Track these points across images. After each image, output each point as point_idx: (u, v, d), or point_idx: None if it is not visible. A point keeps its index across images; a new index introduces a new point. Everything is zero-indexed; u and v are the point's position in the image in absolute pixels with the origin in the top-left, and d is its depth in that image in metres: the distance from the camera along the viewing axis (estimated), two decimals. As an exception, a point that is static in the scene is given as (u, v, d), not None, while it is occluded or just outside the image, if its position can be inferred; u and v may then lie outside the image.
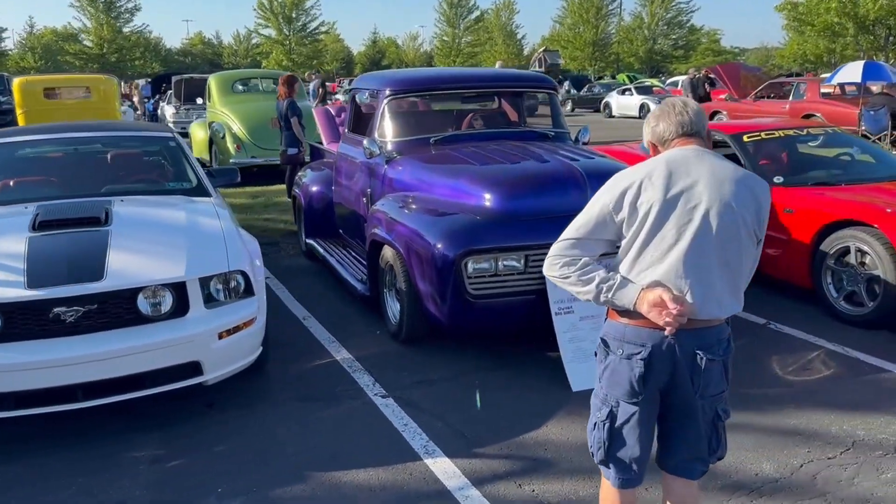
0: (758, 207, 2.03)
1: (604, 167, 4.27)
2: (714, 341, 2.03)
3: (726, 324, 2.10)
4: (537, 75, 5.81)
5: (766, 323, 4.73)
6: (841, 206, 4.74)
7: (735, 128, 5.93)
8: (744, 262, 2.04)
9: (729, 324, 2.12)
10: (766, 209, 2.07)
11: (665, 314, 1.92)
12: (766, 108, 16.03)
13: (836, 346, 4.30)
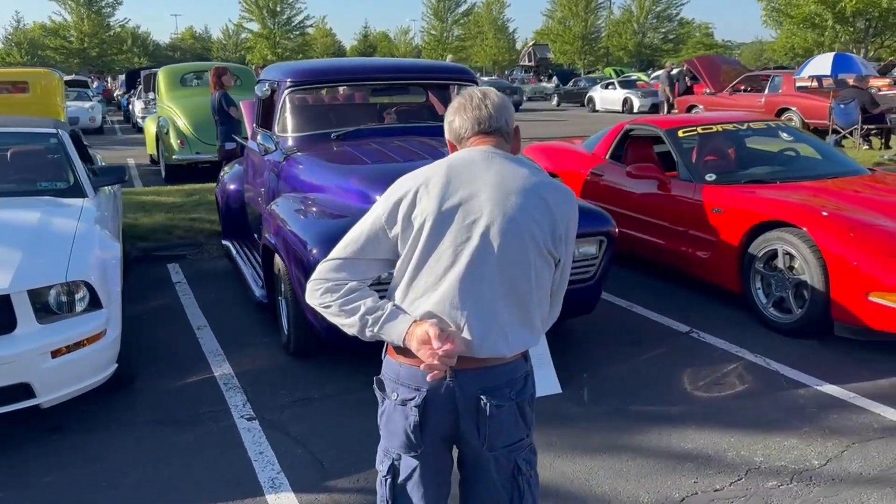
0: (553, 222, 1.69)
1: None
2: (503, 383, 1.69)
3: (523, 359, 1.77)
4: (455, 66, 5.48)
5: (688, 331, 4.42)
6: (770, 206, 4.43)
7: (670, 122, 5.62)
8: (536, 287, 1.70)
9: (527, 359, 1.80)
10: (567, 224, 1.74)
11: (430, 354, 1.59)
12: (742, 102, 15.71)
13: (758, 357, 3.99)
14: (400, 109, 5.51)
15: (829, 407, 3.40)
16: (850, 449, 3.03)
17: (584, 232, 3.86)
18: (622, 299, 5.02)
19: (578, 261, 3.88)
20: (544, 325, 1.83)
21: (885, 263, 3.81)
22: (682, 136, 5.40)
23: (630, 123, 6.01)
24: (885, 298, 3.78)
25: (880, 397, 3.48)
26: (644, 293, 5.13)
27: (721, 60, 18.00)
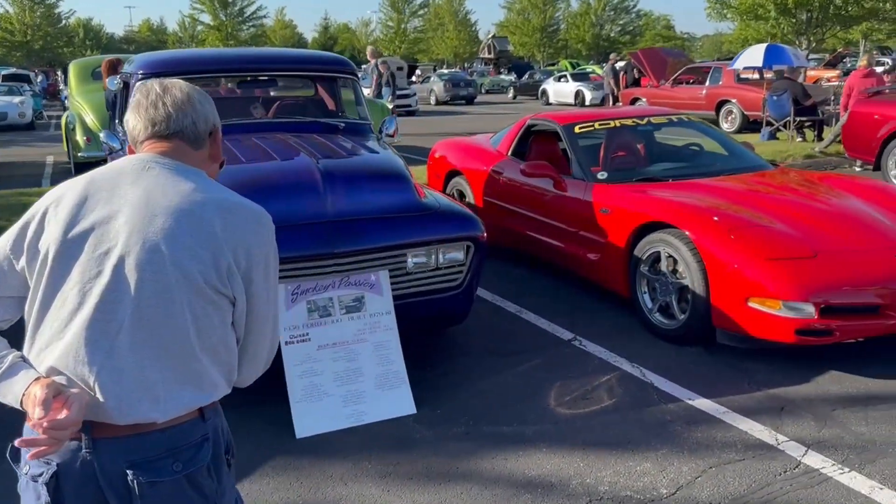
0: (216, 251, 1.37)
1: (356, 167, 3.67)
2: (160, 453, 1.36)
3: (201, 418, 1.42)
4: (331, 57, 5.16)
5: (572, 339, 4.18)
6: (653, 207, 4.19)
7: (568, 118, 5.37)
8: (199, 335, 1.37)
9: (213, 415, 1.47)
10: (243, 252, 1.42)
11: (33, 424, 1.26)
12: (683, 95, 15.64)
13: (636, 367, 3.76)
14: (284, 104, 5.18)
15: (696, 423, 3.18)
16: (704, 474, 2.79)
17: (448, 237, 3.62)
18: (514, 304, 4.76)
19: (445, 267, 3.60)
20: (241, 377, 1.52)
21: (765, 267, 3.60)
22: (579, 131, 5.16)
23: (532, 118, 5.75)
24: (765, 304, 3.57)
25: (752, 412, 3.26)
26: (539, 298, 4.88)
27: (666, 53, 17.92)
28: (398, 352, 3.39)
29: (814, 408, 3.28)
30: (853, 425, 3.11)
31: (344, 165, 3.60)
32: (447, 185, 6.39)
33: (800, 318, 3.49)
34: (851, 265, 3.63)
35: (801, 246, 3.71)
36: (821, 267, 3.60)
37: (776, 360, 3.74)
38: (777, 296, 3.52)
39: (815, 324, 3.49)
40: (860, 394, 3.40)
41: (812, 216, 4.01)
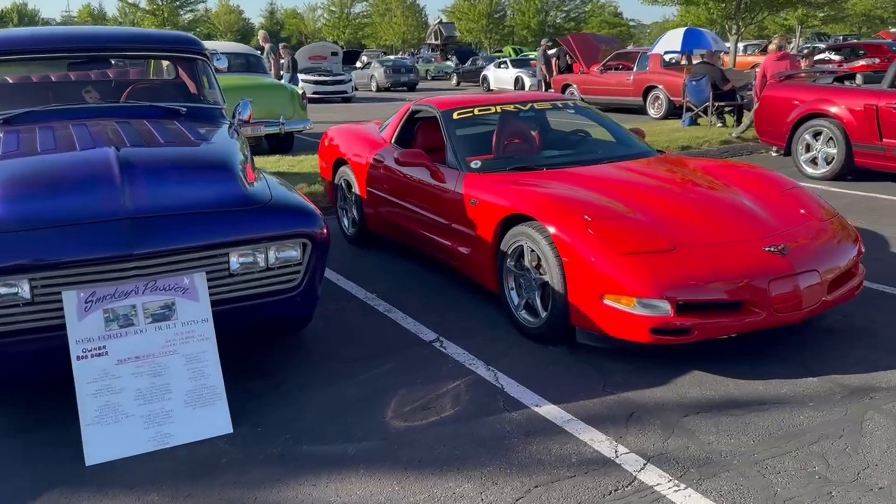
0: None
1: (165, 157, 3.28)
2: None
3: None
4: (174, 35, 4.75)
5: (434, 339, 3.89)
6: (516, 198, 3.91)
7: (448, 103, 5.05)
8: None
9: None
10: None
11: None
12: (612, 81, 15.54)
13: (491, 370, 3.49)
14: (139, 88, 4.74)
15: (535, 435, 2.91)
16: (528, 495, 2.52)
17: (279, 234, 3.27)
18: (384, 303, 4.45)
19: (278, 268, 3.25)
20: None
21: (620, 262, 3.35)
22: (458, 118, 4.85)
23: (416, 104, 5.43)
24: (620, 302, 3.33)
25: (599, 419, 3.02)
26: (413, 295, 4.58)
27: (596, 38, 17.80)
28: (215, 364, 3.04)
29: (665, 414, 3.05)
30: (702, 433, 2.89)
31: (151, 155, 3.21)
32: (335, 174, 6.03)
33: (655, 315, 3.26)
34: (713, 258, 3.40)
35: (659, 239, 3.47)
36: (679, 261, 3.37)
37: (638, 360, 3.51)
38: (631, 292, 3.28)
39: (671, 322, 3.26)
40: (717, 397, 3.19)
41: (680, 207, 3.79)
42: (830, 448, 2.76)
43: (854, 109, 7.55)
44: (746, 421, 2.98)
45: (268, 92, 10.01)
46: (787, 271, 3.39)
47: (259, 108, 9.83)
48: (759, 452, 2.74)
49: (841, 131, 7.67)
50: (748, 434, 2.88)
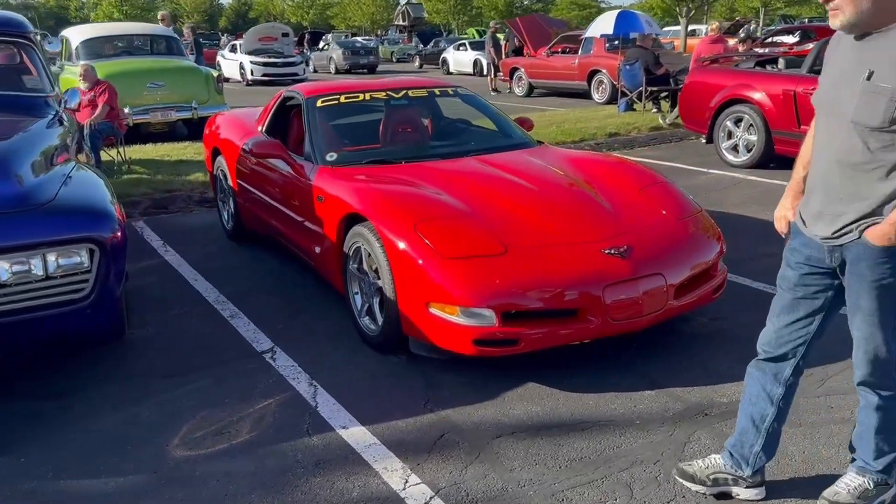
0: None
1: None
2: None
3: None
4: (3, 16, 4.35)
5: (268, 349, 3.59)
6: (356, 196, 3.61)
7: (314, 90, 4.71)
8: None
9: None
10: None
11: None
12: (558, 64, 15.23)
13: (312, 387, 3.19)
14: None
15: (326, 464, 2.63)
16: (286, 537, 2.26)
17: (57, 238, 2.92)
18: (232, 307, 4.13)
19: (61, 276, 2.92)
20: None
21: (445, 267, 3.07)
22: (322, 105, 4.51)
23: (288, 90, 5.08)
24: (444, 310, 3.05)
25: (405, 444, 2.73)
26: (268, 298, 4.27)
27: (545, 21, 17.45)
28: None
29: (479, 434, 2.79)
30: (508, 458, 2.63)
31: None
32: (214, 164, 5.68)
33: (479, 325, 2.99)
34: (546, 262, 3.13)
35: (492, 241, 3.19)
36: (509, 265, 3.09)
37: (473, 372, 3.25)
38: (454, 300, 3.00)
39: (495, 332, 2.99)
40: (542, 414, 2.93)
41: (526, 205, 3.50)
42: (641, 476, 2.52)
43: (773, 95, 7.33)
44: (561, 442, 2.72)
45: (181, 75, 9.58)
46: (626, 275, 3.13)
47: (171, 92, 9.51)
48: (561, 481, 2.49)
49: (761, 118, 7.45)
50: (558, 458, 2.62)
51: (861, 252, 2.00)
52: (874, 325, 2.05)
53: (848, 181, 1.99)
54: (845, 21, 1.92)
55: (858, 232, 1.99)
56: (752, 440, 2.34)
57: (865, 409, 2.21)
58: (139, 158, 8.15)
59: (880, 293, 2.01)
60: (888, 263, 1.97)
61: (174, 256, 5.14)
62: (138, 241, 5.52)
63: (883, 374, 2.12)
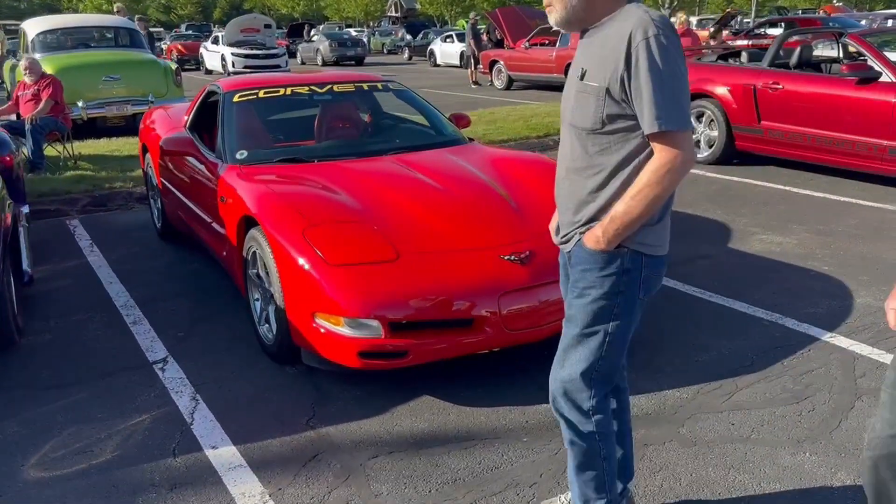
0: None
1: None
2: None
3: None
4: None
5: (161, 359, 3.41)
6: (252, 198, 3.43)
7: (235, 84, 4.53)
8: None
9: None
10: None
11: None
12: (536, 56, 15.02)
13: (194, 401, 3.01)
14: None
15: (183, 486, 2.45)
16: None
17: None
18: (137, 312, 3.95)
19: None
20: None
21: (330, 275, 2.89)
22: (239, 100, 4.32)
23: (213, 84, 4.87)
24: (330, 321, 2.88)
25: (273, 465, 2.56)
26: (177, 302, 4.10)
27: (526, 13, 17.20)
28: None
29: (355, 454, 2.62)
30: (378, 480, 2.47)
31: None
32: (145, 160, 5.50)
33: (365, 337, 2.81)
34: (440, 269, 2.95)
35: (384, 247, 3.01)
36: (399, 273, 2.91)
37: (369, 385, 3.08)
38: (339, 310, 2.83)
39: (382, 344, 2.82)
40: (428, 430, 2.76)
41: (430, 208, 3.31)
42: (512, 500, 2.35)
43: (733, 89, 7.14)
44: (439, 462, 2.56)
45: (138, 68, 9.36)
46: (524, 283, 2.95)
47: (127, 85, 9.30)
48: (426, 508, 2.33)
49: (721, 113, 7.27)
50: (430, 480, 2.46)
51: (575, 256, 1.87)
52: (572, 337, 1.90)
53: (573, 187, 1.86)
54: (558, 17, 1.81)
55: (579, 235, 1.86)
56: None
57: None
58: (88, 154, 7.96)
59: (580, 302, 1.86)
60: (592, 272, 1.82)
61: (97, 257, 4.96)
62: (66, 242, 5.35)
63: (570, 393, 1.92)
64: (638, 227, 1.76)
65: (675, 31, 1.72)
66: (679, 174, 1.71)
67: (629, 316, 1.86)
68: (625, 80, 1.68)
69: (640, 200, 1.71)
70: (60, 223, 5.89)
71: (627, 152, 1.75)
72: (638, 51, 1.65)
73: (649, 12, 1.70)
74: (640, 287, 1.84)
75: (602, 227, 1.77)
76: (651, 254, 1.82)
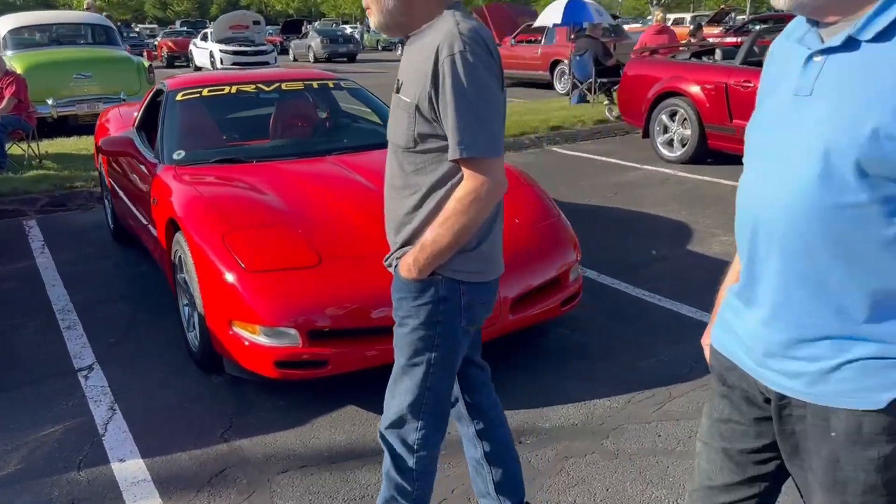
0: None
1: None
2: None
3: None
4: None
5: (87, 366, 3.32)
6: (179, 199, 3.32)
7: (180, 82, 4.43)
8: None
9: None
10: None
11: None
12: (522, 53, 14.93)
13: (111, 412, 2.91)
14: None
15: (84, 501, 2.37)
16: None
17: None
18: (74, 317, 3.85)
19: None
20: None
21: (249, 281, 2.80)
22: (182, 98, 4.23)
23: (161, 82, 4.76)
24: (246, 329, 2.79)
25: (178, 481, 2.47)
26: (118, 307, 3.99)
27: (513, 9, 17.09)
28: None
29: (264, 469, 2.52)
30: (281, 500, 2.36)
31: None
32: (99, 159, 5.40)
33: (282, 346, 2.73)
34: (363, 275, 2.84)
35: (305, 251, 2.91)
36: (319, 278, 2.82)
37: (296, 393, 2.99)
38: (255, 319, 2.74)
39: (299, 353, 2.73)
40: (342, 444, 2.66)
41: (362, 211, 3.20)
42: (418, 519, 2.27)
43: (706, 88, 7.05)
44: (349, 478, 2.47)
45: (109, 66, 9.25)
46: (451, 290, 2.87)
47: (99, 83, 9.19)
48: (326, 527, 2.24)
49: (694, 111, 7.18)
50: (336, 498, 2.36)
51: (393, 283, 1.76)
52: (398, 367, 1.80)
53: (393, 206, 1.75)
54: (376, 22, 1.67)
55: (397, 261, 1.75)
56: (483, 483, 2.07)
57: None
58: (55, 153, 7.85)
59: (400, 332, 1.77)
60: (408, 301, 1.71)
61: (46, 259, 4.86)
62: (19, 243, 5.25)
63: (396, 424, 1.83)
64: (452, 255, 1.65)
65: (487, 47, 1.57)
66: (486, 202, 1.58)
67: (452, 345, 1.75)
68: (432, 98, 1.55)
69: (448, 229, 1.60)
70: (17, 223, 5.79)
71: (442, 173, 1.63)
72: (444, 68, 1.51)
73: (460, 23, 1.55)
74: (460, 316, 1.72)
75: (413, 255, 1.66)
76: (471, 281, 1.70)
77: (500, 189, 1.59)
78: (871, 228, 1.00)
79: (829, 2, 1.05)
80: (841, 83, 1.02)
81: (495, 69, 1.58)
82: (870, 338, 1.05)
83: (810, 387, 1.10)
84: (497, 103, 1.58)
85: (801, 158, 1.04)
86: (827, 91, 1.04)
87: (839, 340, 1.07)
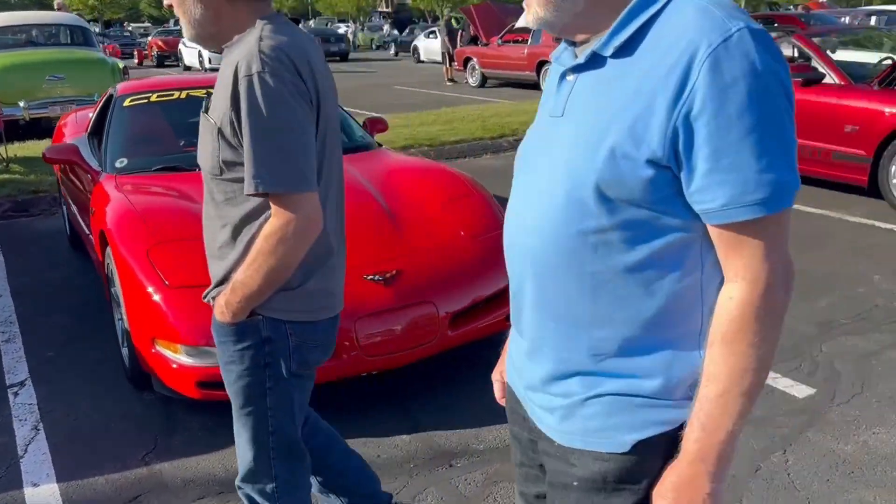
0: None
1: None
2: None
3: None
4: None
5: (20, 382, 3.22)
6: (112, 210, 3.22)
7: (129, 87, 4.31)
8: None
9: None
10: None
11: None
12: (509, 53, 14.79)
13: (34, 431, 2.81)
14: None
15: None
16: None
17: None
18: (15, 329, 3.75)
19: None
20: None
21: (172, 298, 2.69)
22: (130, 104, 4.11)
23: (113, 87, 4.65)
24: (169, 348, 2.68)
25: None
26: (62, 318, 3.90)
27: (501, 9, 16.95)
28: None
29: (178, 496, 2.42)
30: (195, 526, 2.28)
31: None
32: (57, 166, 5.28)
33: (206, 365, 2.62)
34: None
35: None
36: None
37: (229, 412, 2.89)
38: (176, 337, 2.63)
39: (223, 374, 2.63)
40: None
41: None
42: (332, 551, 2.16)
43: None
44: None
45: (83, 67, 9.11)
46: (385, 305, 2.76)
47: (72, 85, 9.06)
48: (234, 560, 2.14)
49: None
50: (251, 528, 2.27)
51: (213, 325, 1.62)
52: (236, 417, 1.69)
53: (208, 237, 1.61)
54: (187, 34, 1.53)
55: (212, 300, 1.61)
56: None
57: None
58: (24, 156, 7.74)
59: (228, 380, 1.64)
60: (228, 345, 1.57)
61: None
62: (-27, 250, 5.14)
63: (250, 477, 1.72)
64: (269, 295, 1.50)
65: (293, 66, 1.40)
66: (295, 242, 1.42)
67: (286, 388, 1.61)
68: (234, 121, 1.40)
69: (257, 270, 1.45)
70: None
71: (253, 206, 1.47)
72: (241, 90, 1.36)
73: (263, 40, 1.38)
74: (289, 358, 1.57)
75: (225, 298, 1.52)
76: (298, 320, 1.55)
77: (311, 227, 1.44)
78: (615, 255, 0.94)
79: (574, 20, 0.99)
80: (587, 103, 0.97)
81: (306, 92, 1.41)
82: (618, 373, 0.97)
83: (560, 422, 1.03)
84: (304, 132, 1.40)
85: (548, 183, 0.99)
86: (575, 111, 0.99)
87: (589, 376, 0.99)
